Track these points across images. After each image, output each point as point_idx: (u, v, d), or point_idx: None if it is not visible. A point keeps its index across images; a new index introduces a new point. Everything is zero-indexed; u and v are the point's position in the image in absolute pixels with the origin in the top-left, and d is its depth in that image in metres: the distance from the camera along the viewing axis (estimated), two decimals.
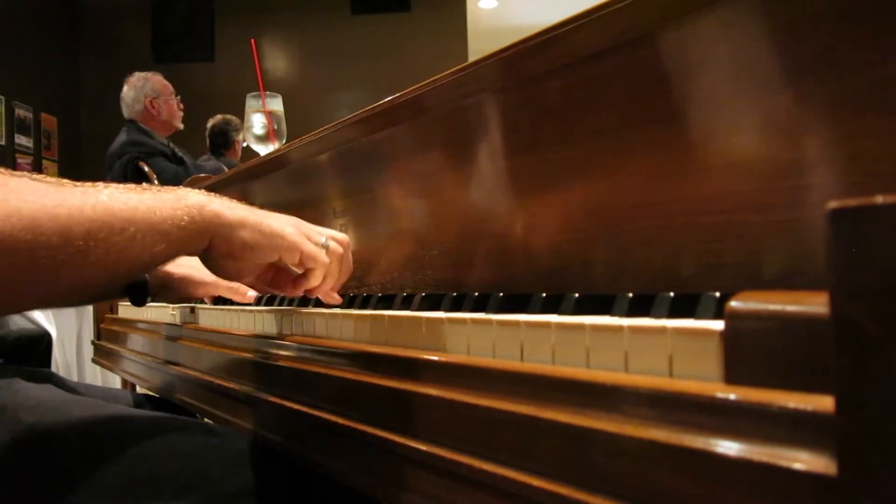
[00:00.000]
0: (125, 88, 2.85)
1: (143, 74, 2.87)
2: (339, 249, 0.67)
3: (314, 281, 0.65)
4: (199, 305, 0.97)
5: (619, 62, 0.53)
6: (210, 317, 0.90)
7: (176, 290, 0.97)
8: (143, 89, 2.82)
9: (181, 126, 2.92)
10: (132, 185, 0.56)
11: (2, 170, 0.49)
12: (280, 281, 0.68)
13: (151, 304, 1.21)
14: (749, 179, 0.46)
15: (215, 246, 0.59)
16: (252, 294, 0.94)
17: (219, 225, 0.58)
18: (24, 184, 0.48)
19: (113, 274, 0.53)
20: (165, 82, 2.88)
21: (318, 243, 0.65)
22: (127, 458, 0.61)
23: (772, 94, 0.45)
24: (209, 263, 0.63)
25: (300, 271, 0.66)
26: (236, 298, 0.94)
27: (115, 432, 0.65)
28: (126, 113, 2.83)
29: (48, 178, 0.51)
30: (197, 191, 0.59)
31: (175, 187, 0.59)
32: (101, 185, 0.53)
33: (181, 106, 2.92)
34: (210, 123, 3.22)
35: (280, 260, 0.63)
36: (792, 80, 0.44)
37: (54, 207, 0.48)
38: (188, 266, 0.94)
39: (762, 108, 0.45)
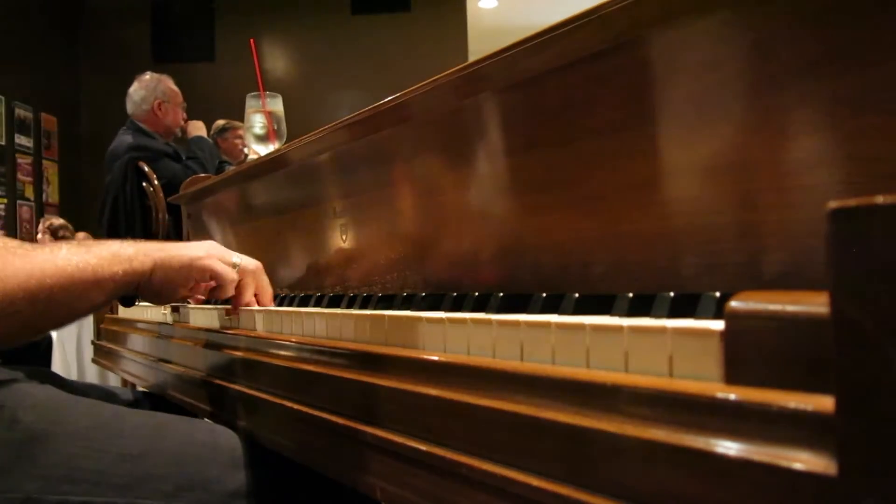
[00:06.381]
0: (135, 86, 2.82)
1: (156, 76, 2.84)
2: (250, 266, 0.80)
3: (222, 293, 0.78)
4: (187, 305, 0.97)
5: (619, 62, 0.53)
6: (207, 316, 0.90)
7: None
8: (154, 91, 2.79)
9: (179, 134, 2.91)
10: (84, 245, 0.67)
11: None
12: (216, 292, 0.81)
13: (150, 304, 1.20)
14: (749, 179, 0.46)
15: (141, 289, 0.72)
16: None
17: (141, 273, 0.70)
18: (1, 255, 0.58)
19: (60, 323, 0.68)
20: (176, 89, 2.86)
21: (230, 262, 0.78)
22: (125, 457, 0.61)
23: (772, 93, 0.45)
24: (144, 298, 0.76)
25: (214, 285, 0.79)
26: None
27: (114, 431, 0.65)
28: (130, 109, 2.80)
29: (10, 243, 0.61)
30: (129, 243, 0.71)
31: (111, 241, 0.70)
32: (56, 247, 0.64)
33: (184, 116, 2.91)
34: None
35: (198, 282, 0.76)
36: (792, 79, 0.44)
37: (27, 278, 0.58)
38: None
39: (762, 108, 0.45)
